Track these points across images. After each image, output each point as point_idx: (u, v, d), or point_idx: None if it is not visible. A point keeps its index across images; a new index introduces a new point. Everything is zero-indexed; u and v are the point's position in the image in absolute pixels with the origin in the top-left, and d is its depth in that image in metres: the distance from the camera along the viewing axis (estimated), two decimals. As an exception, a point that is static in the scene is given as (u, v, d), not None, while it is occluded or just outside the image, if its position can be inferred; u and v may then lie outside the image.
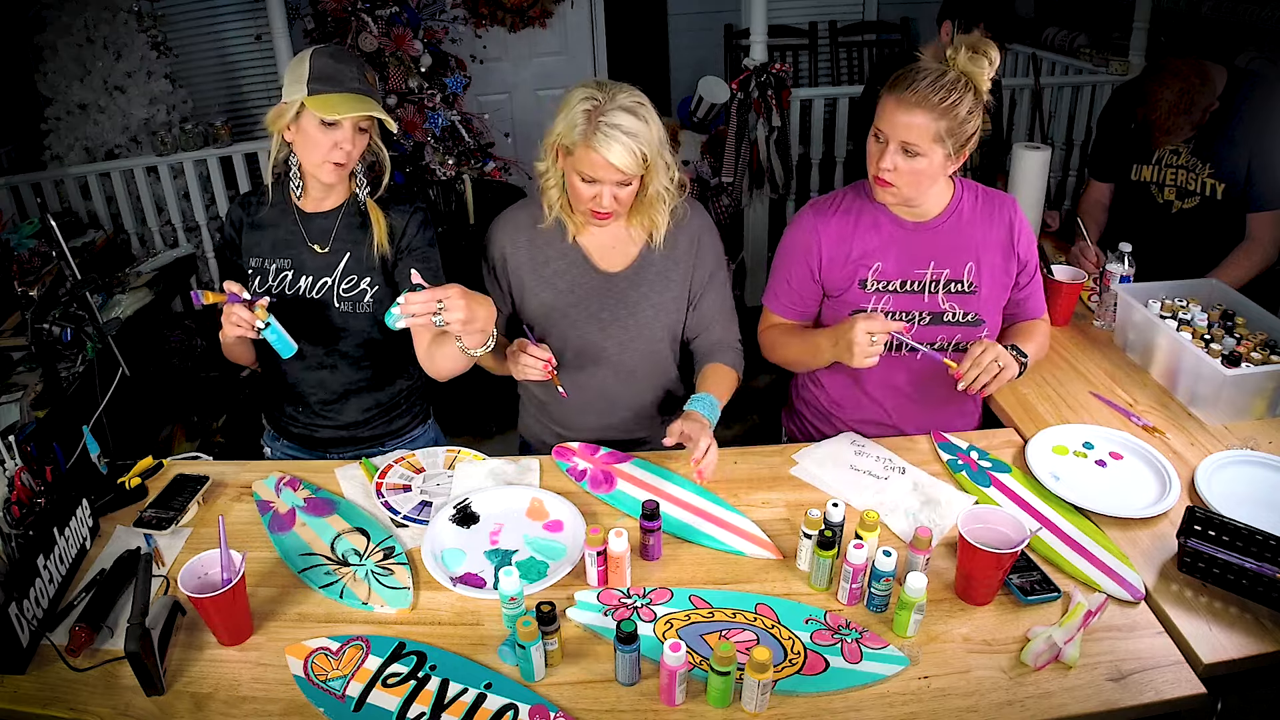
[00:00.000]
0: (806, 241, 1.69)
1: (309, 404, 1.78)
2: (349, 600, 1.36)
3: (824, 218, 1.68)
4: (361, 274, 1.67)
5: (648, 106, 1.51)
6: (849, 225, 1.67)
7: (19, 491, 1.36)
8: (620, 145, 1.45)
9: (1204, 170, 2.13)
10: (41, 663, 1.26)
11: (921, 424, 1.77)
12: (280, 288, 1.68)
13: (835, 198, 1.72)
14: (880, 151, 1.55)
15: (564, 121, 1.50)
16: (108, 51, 3.79)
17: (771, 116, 3.57)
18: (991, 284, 1.68)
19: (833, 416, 1.83)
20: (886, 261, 1.66)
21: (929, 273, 1.66)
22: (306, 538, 1.50)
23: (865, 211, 1.67)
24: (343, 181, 1.65)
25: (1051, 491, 1.56)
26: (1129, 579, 1.35)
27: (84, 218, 3.67)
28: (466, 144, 3.57)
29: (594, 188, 1.52)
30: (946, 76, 1.48)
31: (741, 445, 1.74)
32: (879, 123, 1.54)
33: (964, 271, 1.66)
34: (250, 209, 1.72)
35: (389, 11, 3.34)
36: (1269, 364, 1.72)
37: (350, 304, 1.68)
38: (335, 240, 1.67)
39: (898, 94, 1.50)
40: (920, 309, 1.67)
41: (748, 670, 1.13)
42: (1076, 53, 4.40)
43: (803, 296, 1.73)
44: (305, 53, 1.55)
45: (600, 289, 1.67)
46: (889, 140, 1.52)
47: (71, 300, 1.89)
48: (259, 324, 1.53)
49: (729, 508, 1.54)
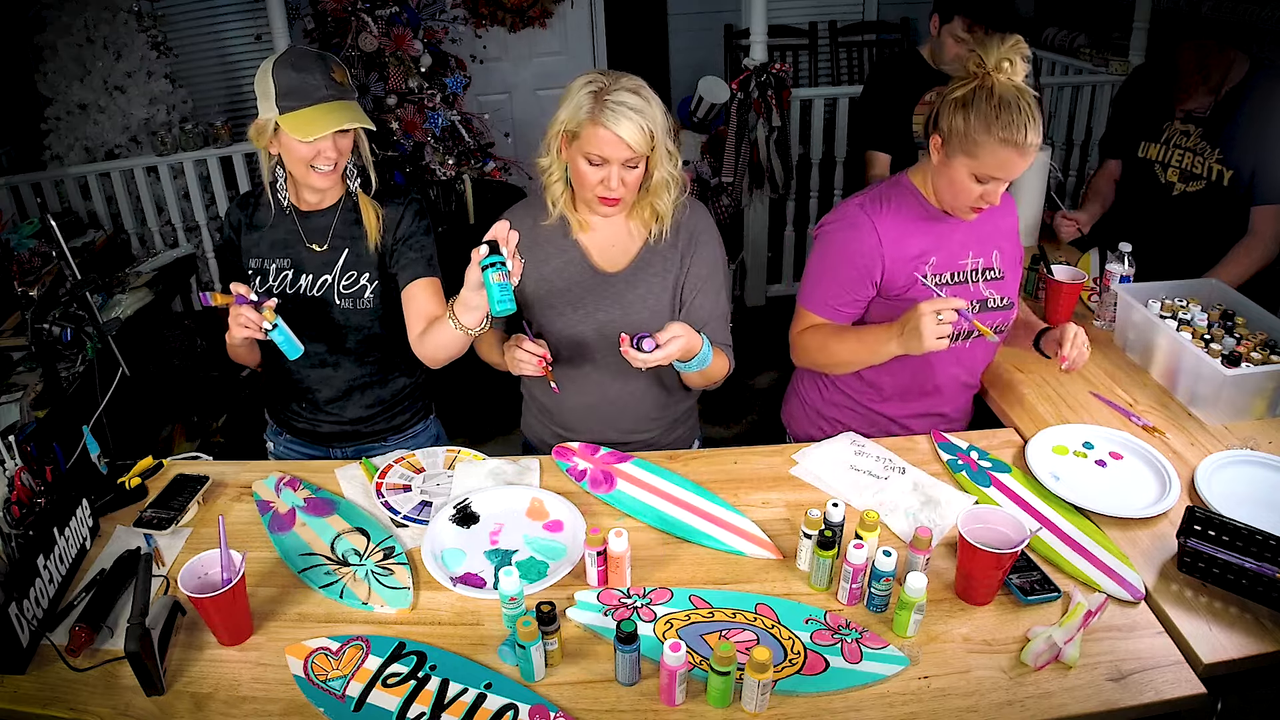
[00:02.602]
0: (868, 245, 1.65)
1: (313, 401, 1.79)
2: (349, 600, 1.36)
3: (880, 218, 1.66)
4: (361, 270, 1.68)
5: (650, 90, 1.53)
6: (904, 223, 1.66)
7: (19, 491, 1.36)
8: (629, 121, 1.46)
9: (1212, 155, 2.12)
10: (41, 663, 1.26)
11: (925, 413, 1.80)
12: (281, 287, 1.69)
13: (880, 196, 1.69)
14: (985, 191, 1.54)
15: (568, 107, 1.51)
16: (108, 51, 3.79)
17: (771, 116, 3.56)
18: (1012, 268, 1.74)
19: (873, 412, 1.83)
20: (940, 256, 1.67)
21: (969, 262, 1.69)
22: (306, 538, 1.50)
23: (910, 207, 1.67)
24: (336, 182, 1.65)
25: (1051, 492, 1.56)
26: (1129, 579, 1.35)
27: (84, 218, 3.67)
28: (466, 144, 3.57)
29: (602, 170, 1.52)
30: (1027, 105, 1.46)
31: (741, 445, 1.74)
32: (991, 170, 1.50)
33: (993, 259, 1.71)
34: (248, 210, 1.73)
35: (389, 11, 3.34)
36: (1269, 364, 1.72)
37: (351, 300, 1.69)
38: (333, 237, 1.68)
39: (1018, 147, 1.47)
40: (969, 299, 1.68)
41: (748, 670, 1.13)
42: (1076, 53, 4.41)
43: (855, 298, 1.70)
44: (266, 65, 1.54)
45: (598, 288, 1.67)
46: (995, 180, 1.52)
47: (71, 300, 1.89)
48: (266, 325, 1.53)
49: (729, 508, 1.54)
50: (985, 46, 1.48)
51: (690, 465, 1.67)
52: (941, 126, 1.54)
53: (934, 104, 1.59)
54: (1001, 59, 1.46)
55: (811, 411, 1.90)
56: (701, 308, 1.70)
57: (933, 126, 1.57)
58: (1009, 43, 1.47)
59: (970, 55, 1.51)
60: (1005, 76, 1.47)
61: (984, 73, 1.48)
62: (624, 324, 1.66)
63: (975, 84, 1.49)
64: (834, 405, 1.86)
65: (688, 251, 1.68)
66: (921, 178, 1.67)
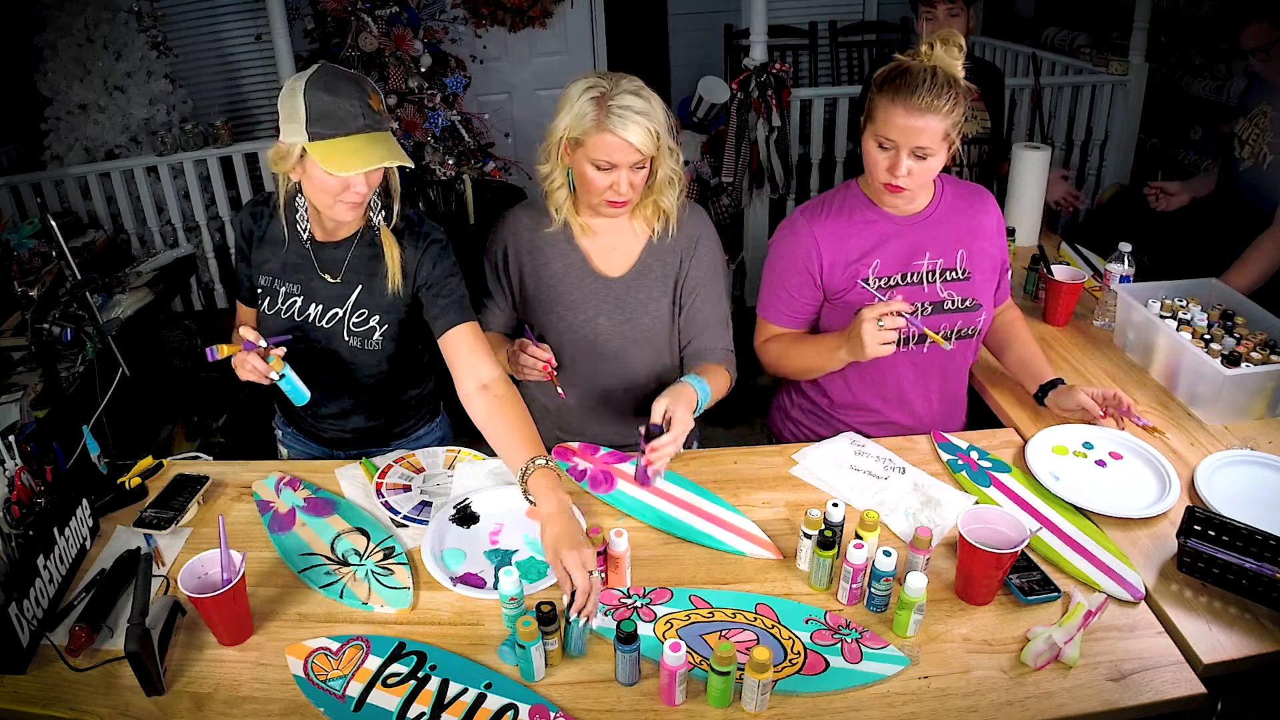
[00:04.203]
0: (804, 247, 1.68)
1: (315, 414, 1.75)
2: (349, 600, 1.36)
3: (818, 221, 1.68)
4: (372, 310, 1.60)
5: (649, 89, 1.53)
6: (843, 226, 1.67)
7: (19, 491, 1.36)
8: (635, 124, 1.47)
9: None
10: (41, 663, 1.26)
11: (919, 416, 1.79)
12: (290, 313, 1.62)
13: (823, 201, 1.71)
14: (891, 160, 1.54)
15: (570, 114, 1.50)
16: (108, 51, 3.79)
17: (771, 116, 3.57)
18: (984, 269, 1.71)
19: (832, 417, 1.83)
20: (885, 258, 1.66)
21: (925, 263, 1.67)
22: (306, 538, 1.50)
23: (856, 210, 1.68)
24: (360, 215, 1.56)
25: (1051, 491, 1.56)
26: (1129, 579, 1.35)
27: (84, 218, 3.67)
28: (466, 144, 3.57)
29: (610, 175, 1.52)
30: (939, 76, 1.47)
31: (741, 445, 1.74)
32: (885, 131, 1.51)
33: (956, 259, 1.68)
34: (261, 222, 1.63)
35: (389, 11, 3.35)
36: (1269, 364, 1.72)
37: (360, 340, 1.61)
38: (347, 271, 1.59)
39: (904, 101, 1.47)
40: (922, 299, 1.67)
41: (748, 670, 1.13)
42: (1076, 53, 4.40)
43: (803, 304, 1.72)
44: (297, 84, 1.38)
45: (599, 293, 1.67)
46: (899, 147, 1.52)
47: (71, 300, 1.90)
48: (274, 375, 1.50)
49: (729, 508, 1.54)
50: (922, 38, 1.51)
51: (690, 465, 1.67)
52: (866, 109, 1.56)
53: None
54: (927, 43, 1.48)
55: (781, 414, 1.92)
56: (700, 311, 1.70)
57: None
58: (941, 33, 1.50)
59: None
60: (925, 57, 1.48)
61: (910, 54, 1.51)
62: (625, 329, 1.68)
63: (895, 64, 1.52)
64: (801, 410, 1.87)
65: (687, 254, 1.68)
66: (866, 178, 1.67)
